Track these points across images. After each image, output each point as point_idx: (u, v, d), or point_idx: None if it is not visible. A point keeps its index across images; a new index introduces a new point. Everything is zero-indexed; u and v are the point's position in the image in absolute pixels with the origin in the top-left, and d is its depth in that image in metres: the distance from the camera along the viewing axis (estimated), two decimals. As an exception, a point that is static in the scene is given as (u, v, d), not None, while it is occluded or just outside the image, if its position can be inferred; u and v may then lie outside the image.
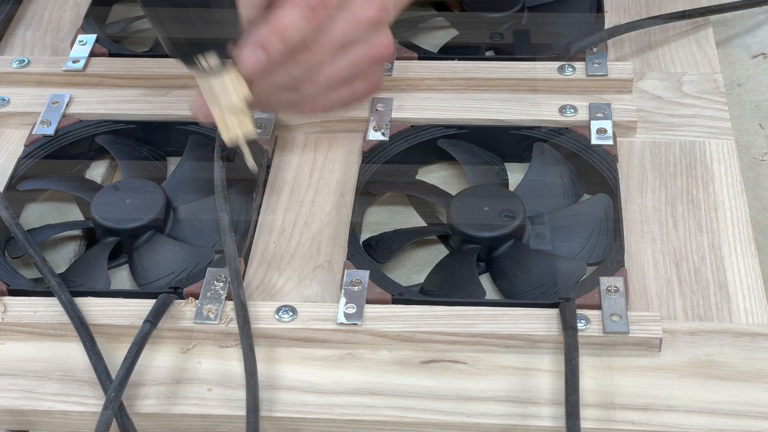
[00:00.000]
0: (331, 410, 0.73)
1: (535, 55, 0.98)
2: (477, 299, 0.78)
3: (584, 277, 0.80)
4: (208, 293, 0.78)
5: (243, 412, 0.71)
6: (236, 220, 0.86)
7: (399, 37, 0.99)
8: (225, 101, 0.72)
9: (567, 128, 0.90)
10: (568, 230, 0.84)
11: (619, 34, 1.00)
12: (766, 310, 0.77)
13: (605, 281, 0.77)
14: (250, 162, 0.77)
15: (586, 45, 0.97)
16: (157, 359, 0.76)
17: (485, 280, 0.82)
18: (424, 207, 0.89)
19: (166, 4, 0.68)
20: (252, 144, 0.77)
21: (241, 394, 0.73)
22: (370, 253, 0.83)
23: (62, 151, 0.92)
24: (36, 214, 0.91)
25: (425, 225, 0.88)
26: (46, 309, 0.78)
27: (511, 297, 0.80)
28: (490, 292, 0.81)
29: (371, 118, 0.92)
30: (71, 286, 0.79)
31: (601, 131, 0.89)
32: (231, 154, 0.90)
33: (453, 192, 0.87)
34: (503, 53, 1.02)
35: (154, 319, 0.75)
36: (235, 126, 0.74)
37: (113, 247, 0.84)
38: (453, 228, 0.84)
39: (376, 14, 0.78)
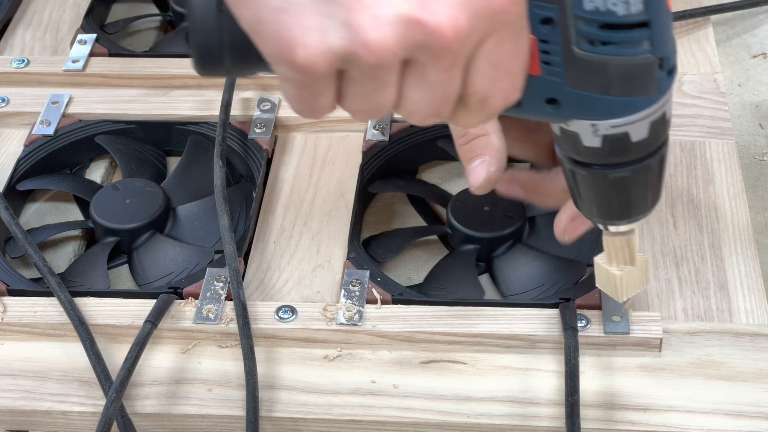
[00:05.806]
0: (330, 410, 0.73)
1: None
2: (477, 299, 0.78)
3: (584, 277, 0.80)
4: (208, 293, 0.78)
5: (243, 412, 0.71)
6: (236, 220, 0.86)
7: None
8: (632, 256, 0.67)
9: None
10: (568, 230, 0.84)
11: (619, 34, 0.99)
12: (766, 310, 0.77)
13: (605, 281, 0.77)
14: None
15: (586, 45, 0.97)
16: (157, 359, 0.76)
17: (485, 280, 0.82)
18: (424, 207, 0.89)
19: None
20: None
21: (241, 394, 0.73)
22: (370, 252, 0.83)
23: (62, 151, 0.92)
24: (36, 214, 0.91)
25: (425, 225, 0.88)
26: (46, 309, 0.78)
27: (511, 297, 0.80)
28: (490, 292, 0.81)
29: (371, 118, 0.92)
30: (71, 286, 0.79)
31: (601, 131, 0.89)
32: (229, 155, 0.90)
33: (453, 192, 0.87)
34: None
35: (154, 320, 0.75)
36: (641, 282, 0.68)
37: (113, 247, 0.84)
38: (453, 228, 0.84)
39: None
